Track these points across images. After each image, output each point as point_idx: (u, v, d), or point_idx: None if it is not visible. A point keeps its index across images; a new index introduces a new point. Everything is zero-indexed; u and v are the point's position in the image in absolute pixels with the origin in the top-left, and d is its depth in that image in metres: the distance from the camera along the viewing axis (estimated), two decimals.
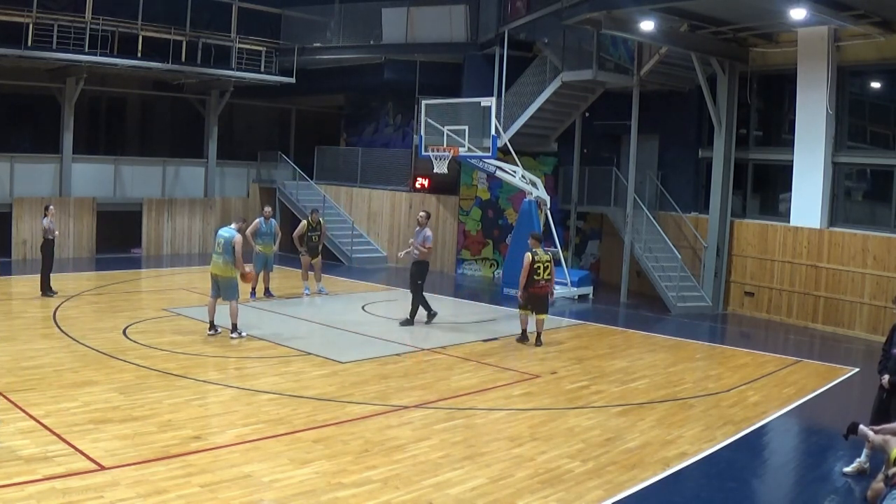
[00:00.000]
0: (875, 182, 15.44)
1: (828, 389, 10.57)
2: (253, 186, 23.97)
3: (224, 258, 11.17)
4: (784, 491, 7.21)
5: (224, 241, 11.21)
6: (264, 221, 14.83)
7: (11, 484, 5.88)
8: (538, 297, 11.91)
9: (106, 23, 18.32)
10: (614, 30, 14.91)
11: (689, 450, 7.70)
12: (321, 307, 14.31)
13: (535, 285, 11.77)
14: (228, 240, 11.17)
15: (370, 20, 21.15)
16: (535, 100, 18.10)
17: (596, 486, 6.64)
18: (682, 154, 18.16)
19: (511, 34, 18.33)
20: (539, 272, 11.71)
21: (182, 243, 21.82)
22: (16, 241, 18.77)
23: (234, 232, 11.29)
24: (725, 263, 16.53)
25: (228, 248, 11.14)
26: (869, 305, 14.23)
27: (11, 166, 19.06)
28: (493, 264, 20.08)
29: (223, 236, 11.30)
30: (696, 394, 9.89)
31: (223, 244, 11.21)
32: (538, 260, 11.72)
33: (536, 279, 11.75)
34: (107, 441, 6.94)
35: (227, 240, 11.18)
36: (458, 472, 6.82)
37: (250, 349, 10.96)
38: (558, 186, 20.01)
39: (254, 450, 7.02)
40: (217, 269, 11.36)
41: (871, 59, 14.59)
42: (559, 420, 8.48)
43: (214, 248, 11.47)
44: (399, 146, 22.04)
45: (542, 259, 11.77)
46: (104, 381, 8.82)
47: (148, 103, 24.02)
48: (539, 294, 11.90)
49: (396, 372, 10.16)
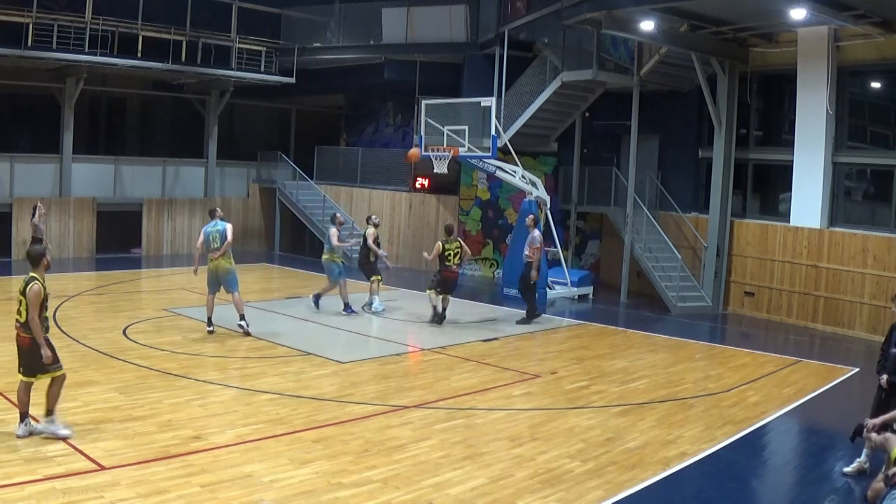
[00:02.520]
0: (875, 182, 15.43)
1: (828, 389, 10.57)
2: (253, 186, 23.99)
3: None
4: (784, 491, 7.21)
5: (219, 233, 11.54)
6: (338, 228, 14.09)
7: (11, 484, 5.88)
8: (448, 280, 13.24)
9: (106, 23, 18.32)
10: (614, 30, 14.91)
11: (690, 450, 7.70)
12: (322, 307, 14.27)
13: (447, 270, 13.10)
14: (223, 231, 11.54)
15: (370, 20, 21.16)
16: (535, 100, 18.09)
17: (596, 486, 6.64)
18: (682, 154, 18.16)
19: (511, 34, 18.32)
20: (450, 258, 13.04)
21: (182, 243, 21.82)
22: (16, 241, 18.77)
23: (224, 224, 11.70)
24: (725, 263, 16.53)
25: (224, 238, 11.51)
26: (869, 305, 14.23)
27: (11, 166, 19.08)
28: (493, 264, 20.07)
29: (216, 230, 11.56)
30: (696, 394, 9.89)
31: (219, 237, 11.53)
32: (448, 248, 13.01)
33: (448, 265, 13.07)
34: (107, 441, 6.94)
35: (222, 231, 11.54)
36: (458, 472, 6.82)
37: (250, 349, 10.97)
38: (558, 186, 20.02)
39: (254, 450, 7.02)
40: (216, 263, 11.56)
41: (871, 59, 14.59)
42: (559, 420, 8.48)
43: (210, 245, 11.59)
44: (399, 146, 22.03)
45: (452, 247, 13.09)
46: (104, 381, 8.83)
47: (148, 103, 24.03)
48: (449, 277, 13.23)
49: (396, 372, 10.16)
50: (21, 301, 6.88)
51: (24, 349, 6.99)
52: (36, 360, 6.91)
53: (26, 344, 6.94)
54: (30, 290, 6.84)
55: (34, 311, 6.82)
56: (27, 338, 6.92)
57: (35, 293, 6.83)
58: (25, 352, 6.98)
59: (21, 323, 6.91)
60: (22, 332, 6.94)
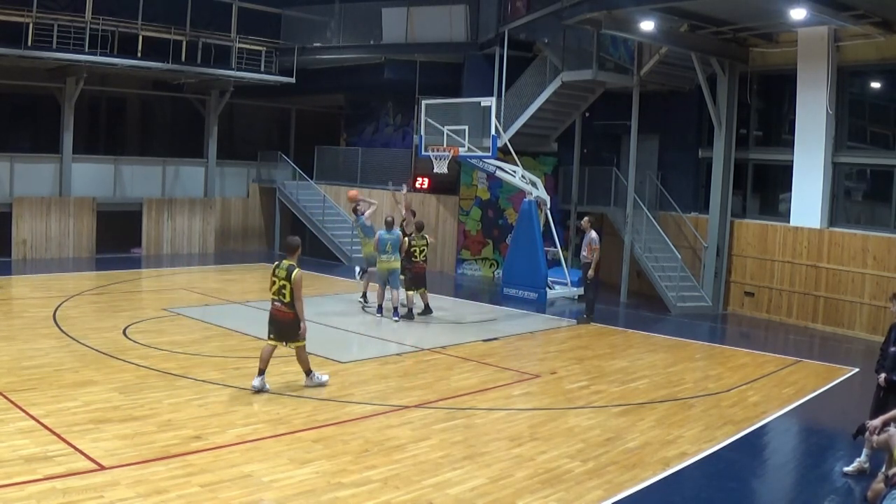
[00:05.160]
0: (875, 182, 15.44)
1: (828, 389, 10.57)
2: (253, 186, 23.98)
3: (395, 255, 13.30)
4: (784, 491, 7.22)
5: (391, 242, 13.27)
6: None
7: (11, 484, 5.88)
8: (419, 275, 13.81)
9: (106, 22, 18.31)
10: (614, 30, 14.91)
11: (689, 450, 7.70)
12: (321, 307, 14.28)
13: (415, 265, 13.74)
14: (395, 240, 13.33)
15: (370, 20, 21.15)
16: (535, 100, 18.08)
17: (596, 486, 6.64)
18: (682, 154, 18.17)
19: (511, 34, 18.32)
20: (416, 254, 13.69)
21: (182, 243, 21.82)
22: (16, 241, 18.78)
23: (397, 232, 13.48)
24: (725, 263, 16.53)
25: (397, 246, 13.32)
26: (869, 305, 14.23)
27: (11, 166, 19.07)
28: (492, 264, 20.07)
29: (391, 238, 13.25)
30: (696, 394, 9.89)
31: (391, 245, 13.26)
32: (414, 244, 13.67)
33: (415, 260, 13.73)
34: (107, 441, 6.94)
35: (395, 240, 13.32)
36: (457, 471, 6.82)
37: (250, 349, 10.96)
38: (558, 186, 20.02)
39: (254, 449, 7.02)
40: (389, 264, 13.25)
41: (871, 60, 14.59)
42: (559, 420, 8.48)
43: (384, 249, 13.20)
44: (399, 146, 22.04)
45: (419, 244, 13.73)
46: (104, 381, 8.83)
47: (148, 103, 24.02)
48: (419, 272, 13.80)
49: (396, 372, 10.16)
50: (286, 285, 8.55)
51: (283, 322, 8.73)
52: (294, 331, 8.70)
53: (287, 318, 8.68)
54: (295, 276, 8.53)
55: (300, 293, 8.58)
56: (289, 313, 8.64)
57: (300, 278, 8.56)
58: (284, 324, 8.73)
59: (284, 302, 8.63)
60: (284, 308, 8.66)
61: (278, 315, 8.76)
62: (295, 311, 8.61)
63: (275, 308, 8.78)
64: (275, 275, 8.72)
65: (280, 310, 8.72)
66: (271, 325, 8.88)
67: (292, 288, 8.53)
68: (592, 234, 14.31)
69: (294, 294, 8.55)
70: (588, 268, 14.23)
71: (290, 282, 8.52)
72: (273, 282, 8.71)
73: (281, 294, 8.63)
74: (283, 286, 8.60)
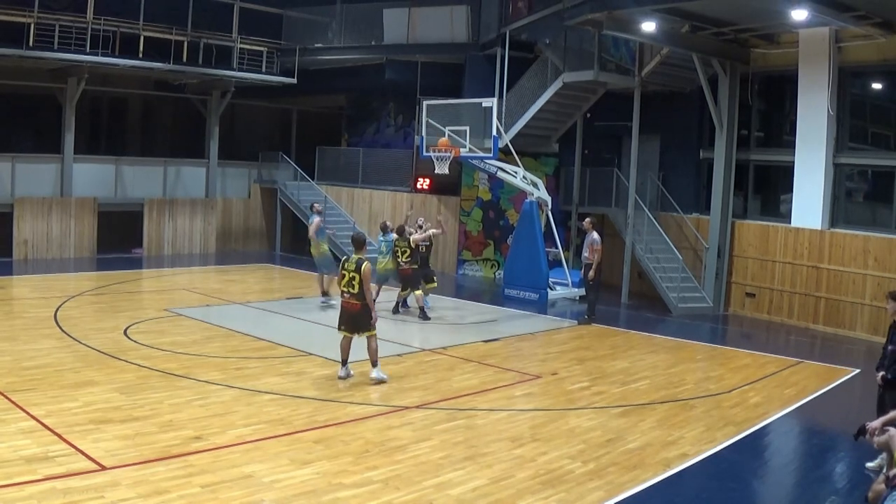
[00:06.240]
0: (876, 183, 15.42)
1: (829, 390, 10.56)
2: (254, 187, 23.98)
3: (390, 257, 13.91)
4: (785, 492, 7.21)
5: (387, 244, 13.91)
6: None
7: (12, 484, 5.88)
8: (408, 276, 13.96)
9: (107, 23, 18.33)
10: (615, 31, 14.91)
11: (691, 451, 7.69)
12: (321, 307, 14.29)
13: (401, 268, 13.93)
14: (390, 243, 13.89)
15: (371, 21, 21.16)
16: (537, 100, 18.09)
17: (597, 487, 6.64)
18: (683, 155, 18.16)
19: (512, 35, 18.33)
20: (399, 255, 13.87)
21: (183, 244, 21.83)
22: (17, 241, 18.78)
23: (392, 236, 13.96)
24: (726, 264, 16.53)
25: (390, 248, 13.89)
26: (870, 306, 14.21)
27: (13, 166, 19.08)
28: (494, 265, 20.07)
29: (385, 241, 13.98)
30: (697, 395, 9.89)
31: (386, 247, 13.93)
32: (398, 245, 13.85)
33: (401, 264, 13.93)
34: (108, 441, 6.94)
35: (388, 243, 13.91)
36: (458, 472, 6.82)
37: (251, 349, 10.97)
38: (559, 187, 20.01)
39: (254, 450, 7.02)
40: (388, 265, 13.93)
41: (872, 60, 14.59)
42: (560, 421, 8.48)
43: (380, 251, 14.04)
44: (400, 147, 22.04)
45: (401, 245, 13.88)
46: (105, 382, 8.83)
47: (149, 104, 24.03)
48: (407, 274, 13.96)
49: (397, 372, 10.15)
50: (355, 277, 9.14)
51: (353, 313, 9.31)
52: (365, 321, 9.28)
53: (356, 309, 9.26)
54: (365, 268, 9.14)
55: (368, 284, 9.22)
56: (357, 304, 9.23)
57: (369, 270, 9.23)
58: (354, 315, 9.31)
59: (353, 293, 9.21)
60: (353, 300, 9.25)
61: (348, 307, 9.35)
62: (363, 302, 9.21)
63: (345, 300, 9.39)
64: (344, 268, 9.33)
65: (349, 301, 9.31)
66: (342, 318, 9.45)
67: (361, 279, 9.13)
68: (594, 235, 14.35)
69: (363, 285, 9.15)
70: (589, 269, 14.26)
71: (360, 273, 9.13)
72: (343, 275, 9.31)
73: (350, 285, 9.22)
74: (352, 278, 9.20)
